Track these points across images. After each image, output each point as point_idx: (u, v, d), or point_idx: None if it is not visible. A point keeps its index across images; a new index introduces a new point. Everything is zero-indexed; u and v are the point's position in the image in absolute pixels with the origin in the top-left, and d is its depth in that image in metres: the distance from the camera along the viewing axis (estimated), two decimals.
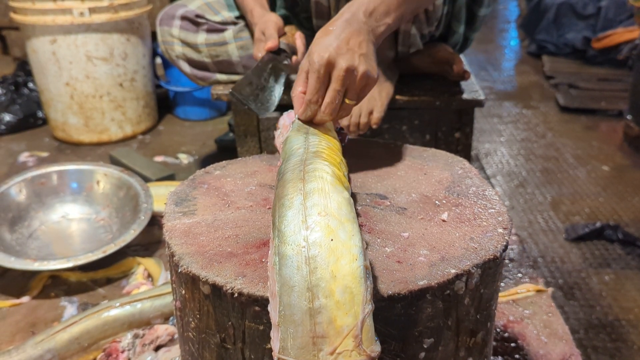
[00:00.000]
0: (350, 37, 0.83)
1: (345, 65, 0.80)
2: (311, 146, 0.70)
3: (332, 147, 0.72)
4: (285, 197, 0.56)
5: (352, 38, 0.84)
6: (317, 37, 0.84)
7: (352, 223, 0.54)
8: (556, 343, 1.07)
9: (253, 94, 1.02)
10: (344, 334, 0.47)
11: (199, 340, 0.70)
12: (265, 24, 1.22)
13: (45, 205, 1.68)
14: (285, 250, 0.52)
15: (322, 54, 0.80)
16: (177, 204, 0.81)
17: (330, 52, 0.80)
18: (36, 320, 1.31)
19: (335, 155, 0.69)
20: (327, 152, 0.68)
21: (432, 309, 0.62)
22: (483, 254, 0.66)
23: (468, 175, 0.87)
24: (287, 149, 0.74)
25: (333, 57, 0.81)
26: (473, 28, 1.47)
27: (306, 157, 0.65)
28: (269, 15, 1.26)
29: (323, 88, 0.82)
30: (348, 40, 0.83)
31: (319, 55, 0.81)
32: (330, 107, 0.82)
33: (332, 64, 0.81)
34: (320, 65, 0.80)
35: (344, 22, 0.85)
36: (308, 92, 0.82)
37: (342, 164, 0.69)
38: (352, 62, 0.81)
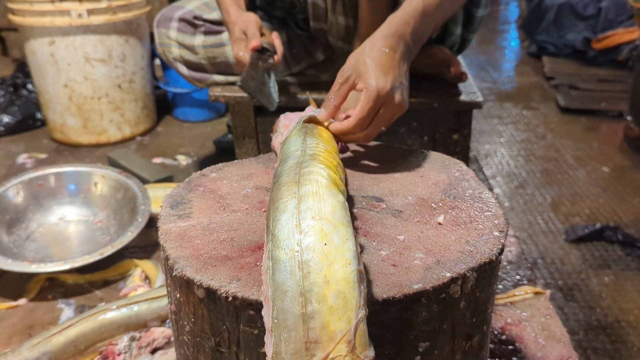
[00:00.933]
0: (400, 65, 0.86)
1: (398, 101, 0.84)
2: (308, 149, 0.70)
3: (330, 150, 0.72)
4: (279, 201, 0.56)
5: (400, 65, 0.86)
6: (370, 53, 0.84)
7: (346, 227, 0.53)
8: (554, 345, 1.07)
9: (258, 88, 1.03)
10: (337, 339, 0.47)
11: (194, 343, 0.69)
12: (246, 23, 1.22)
13: (42, 207, 1.68)
14: (279, 254, 0.51)
15: (383, 85, 0.82)
16: (173, 206, 0.80)
17: (389, 83, 0.82)
18: (33, 323, 1.30)
19: (332, 158, 0.68)
20: (324, 155, 0.68)
21: (428, 313, 0.62)
22: (479, 257, 0.65)
23: (465, 177, 0.87)
24: (284, 151, 0.73)
25: (391, 90, 0.82)
26: (471, 29, 1.47)
27: (302, 159, 0.65)
28: (248, 15, 1.26)
29: (373, 115, 0.84)
30: (399, 67, 0.85)
31: (380, 86, 0.81)
32: (371, 135, 0.85)
33: (388, 96, 0.82)
34: (379, 96, 0.82)
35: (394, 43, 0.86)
36: (359, 117, 0.83)
37: (339, 167, 0.69)
38: (402, 98, 0.85)
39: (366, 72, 0.83)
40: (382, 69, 0.83)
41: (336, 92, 0.86)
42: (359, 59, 0.85)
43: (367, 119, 0.83)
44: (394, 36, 0.87)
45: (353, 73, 0.85)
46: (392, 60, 0.84)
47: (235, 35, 1.23)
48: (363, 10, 1.27)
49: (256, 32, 1.20)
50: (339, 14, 1.32)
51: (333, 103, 0.86)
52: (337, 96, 0.86)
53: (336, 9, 1.31)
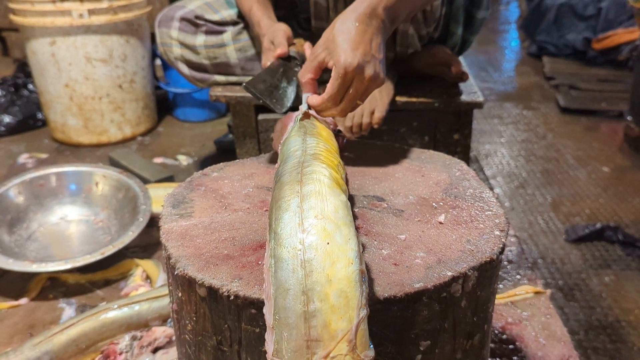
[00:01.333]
0: (372, 39, 0.85)
1: (370, 74, 0.83)
2: (309, 148, 0.70)
3: (330, 150, 0.72)
4: (282, 200, 0.56)
5: (373, 40, 0.85)
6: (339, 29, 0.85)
7: (349, 226, 0.53)
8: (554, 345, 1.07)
9: (267, 90, 1.02)
10: (338, 338, 0.47)
11: (196, 342, 0.70)
12: (274, 33, 1.21)
13: (44, 207, 1.68)
14: (281, 253, 0.51)
15: (351, 60, 0.82)
16: (174, 206, 0.81)
17: (358, 58, 0.82)
18: (34, 322, 1.30)
19: (333, 158, 0.68)
20: (325, 154, 0.68)
21: (429, 312, 0.62)
22: (480, 256, 0.66)
23: (466, 177, 0.87)
24: (284, 151, 0.74)
25: (361, 64, 0.82)
26: (472, 30, 1.47)
27: (304, 159, 0.65)
28: (277, 25, 1.25)
29: (344, 91, 0.84)
30: (371, 42, 0.84)
31: (347, 59, 0.82)
32: (346, 110, 0.85)
33: (358, 71, 0.82)
34: (347, 70, 0.82)
35: (365, 17, 0.85)
36: (330, 93, 0.84)
37: (340, 166, 0.69)
38: (375, 70, 0.84)
39: (335, 49, 0.83)
40: (351, 44, 0.83)
41: (305, 69, 0.88)
42: (328, 36, 0.86)
43: (338, 95, 0.83)
44: (366, 11, 0.86)
45: (323, 51, 0.85)
46: (363, 34, 0.84)
47: (264, 46, 1.23)
48: None
49: (283, 40, 1.19)
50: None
51: (304, 80, 0.88)
52: (307, 72, 0.87)
53: (338, 8, 1.31)
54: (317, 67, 0.87)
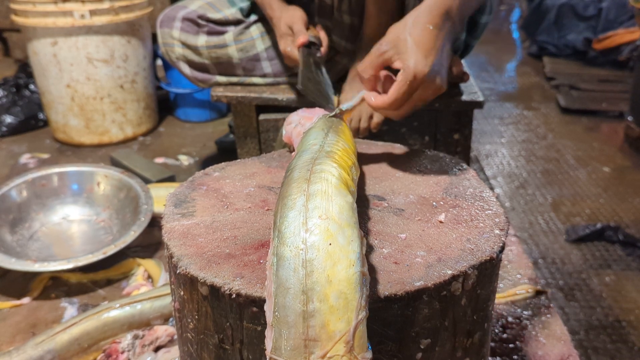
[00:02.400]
0: (444, 45, 0.80)
1: (439, 84, 0.79)
2: (327, 145, 0.70)
3: (348, 150, 0.72)
4: (288, 197, 0.56)
5: (445, 46, 0.81)
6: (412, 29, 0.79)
7: (353, 228, 0.54)
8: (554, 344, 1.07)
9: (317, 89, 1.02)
10: (336, 339, 0.48)
11: (198, 341, 0.70)
12: (292, 19, 1.20)
13: (45, 206, 1.69)
14: (284, 251, 0.52)
15: (423, 68, 0.77)
16: (176, 205, 0.81)
17: (430, 66, 0.77)
18: (36, 321, 1.31)
19: (348, 158, 0.68)
20: (340, 153, 0.67)
21: (429, 310, 0.62)
22: (479, 255, 0.66)
23: (466, 176, 0.88)
24: (304, 142, 0.73)
25: (431, 73, 0.78)
26: (474, 35, 1.47)
27: (318, 155, 0.65)
28: (293, 10, 1.24)
29: (409, 97, 0.80)
30: (442, 49, 0.80)
31: (419, 68, 0.77)
32: (404, 115, 0.81)
33: (428, 80, 0.78)
34: (417, 78, 0.77)
35: (440, 20, 0.80)
36: (394, 97, 0.79)
37: (354, 168, 0.68)
38: (442, 80, 0.80)
39: (405, 52, 0.78)
40: (423, 49, 0.78)
41: (368, 64, 0.82)
42: (399, 35, 0.80)
43: (402, 100, 0.79)
44: (440, 11, 0.81)
45: (391, 49, 0.80)
46: (435, 39, 0.79)
47: (281, 30, 1.21)
48: (369, 9, 1.27)
49: (302, 27, 1.18)
50: (345, 13, 1.32)
51: (366, 77, 0.83)
52: (370, 69, 0.82)
53: (342, 7, 1.32)
54: (382, 64, 0.81)
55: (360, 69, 0.83)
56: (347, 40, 1.39)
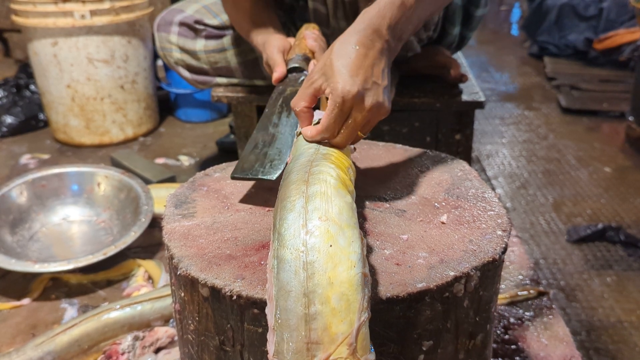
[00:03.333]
0: (374, 64, 0.76)
1: (371, 104, 0.74)
2: (322, 147, 0.70)
3: (343, 150, 0.72)
4: (287, 199, 0.56)
5: (375, 65, 0.76)
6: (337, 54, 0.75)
7: (353, 229, 0.53)
8: (557, 345, 1.07)
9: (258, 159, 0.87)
10: (338, 342, 0.47)
11: (198, 342, 0.70)
12: (269, 53, 1.12)
13: (46, 207, 1.68)
14: (284, 254, 0.51)
15: (349, 88, 0.72)
16: (177, 206, 0.81)
17: (358, 85, 0.73)
18: (36, 323, 1.31)
19: (345, 160, 0.68)
20: (337, 155, 0.67)
21: (431, 312, 0.62)
22: (482, 256, 0.66)
23: (468, 177, 0.87)
24: (298, 146, 0.73)
25: (360, 92, 0.73)
26: (470, 27, 1.47)
27: (315, 157, 0.65)
28: (270, 41, 1.15)
29: (342, 121, 0.75)
30: (372, 67, 0.75)
31: (345, 87, 0.72)
32: (344, 141, 0.75)
33: (357, 100, 0.74)
34: (346, 99, 0.73)
35: (367, 39, 0.77)
36: (326, 123, 0.74)
37: (351, 168, 0.68)
38: (377, 99, 0.75)
39: (332, 75, 0.74)
40: (350, 70, 0.74)
41: (299, 97, 0.78)
42: (325, 61, 0.76)
43: (335, 125, 0.74)
44: (367, 31, 0.77)
45: (320, 77, 0.76)
46: (363, 58, 0.75)
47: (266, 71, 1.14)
48: None
49: (278, 58, 1.09)
50: (341, 19, 1.32)
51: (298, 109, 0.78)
52: (301, 101, 0.78)
53: (337, 14, 1.31)
54: (313, 94, 0.77)
55: (292, 104, 0.79)
56: None
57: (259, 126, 0.95)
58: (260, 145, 0.90)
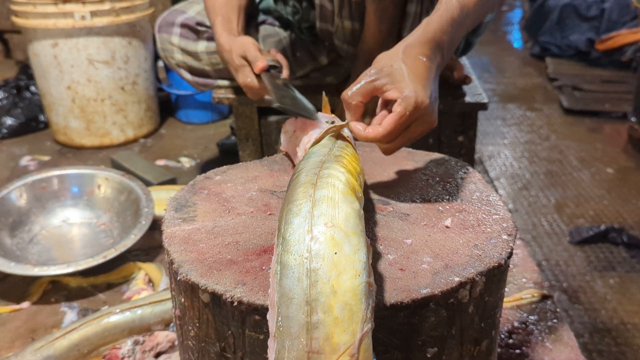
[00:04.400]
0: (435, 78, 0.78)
1: (434, 119, 0.76)
2: (336, 149, 0.68)
3: (356, 155, 0.70)
4: (293, 203, 0.55)
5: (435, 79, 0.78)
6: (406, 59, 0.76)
7: (359, 236, 0.52)
8: (561, 349, 1.06)
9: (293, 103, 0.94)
10: (340, 352, 0.46)
11: (199, 349, 0.69)
12: (243, 47, 1.14)
13: (46, 209, 1.68)
14: (288, 259, 0.50)
15: (423, 100, 0.73)
16: (177, 210, 0.80)
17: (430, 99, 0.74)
18: (36, 326, 1.30)
19: (356, 164, 0.66)
20: (349, 158, 0.66)
21: (436, 318, 0.61)
22: (487, 261, 0.65)
23: (472, 180, 0.86)
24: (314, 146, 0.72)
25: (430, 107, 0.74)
26: (476, 33, 1.46)
27: (327, 158, 0.64)
28: (241, 39, 1.18)
29: (404, 129, 0.75)
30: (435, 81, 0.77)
31: (420, 100, 0.73)
32: (395, 149, 0.77)
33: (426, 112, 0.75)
34: (417, 110, 0.73)
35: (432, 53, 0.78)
36: (390, 128, 0.74)
37: (361, 174, 0.67)
38: (436, 115, 0.77)
39: (402, 81, 0.74)
40: (420, 80, 0.74)
41: (358, 92, 0.77)
42: (392, 63, 0.76)
43: (398, 131, 0.74)
44: (431, 44, 0.78)
45: (384, 77, 0.76)
46: (429, 71, 0.76)
47: (235, 63, 1.15)
48: (370, 16, 1.26)
49: (257, 53, 1.12)
50: (346, 18, 1.31)
51: (353, 103, 0.78)
52: (359, 95, 0.77)
53: (343, 12, 1.30)
54: (372, 92, 0.77)
55: (346, 95, 0.78)
56: (349, 44, 1.38)
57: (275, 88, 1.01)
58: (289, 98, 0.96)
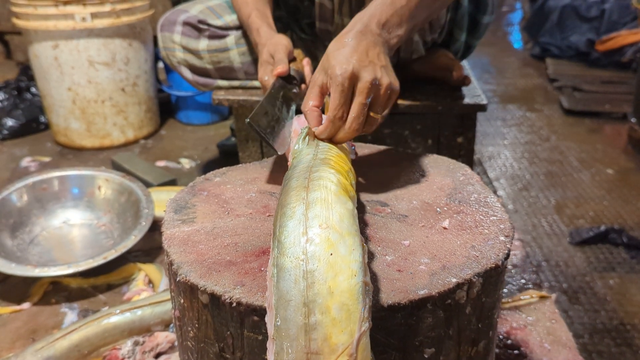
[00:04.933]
0: (368, 49, 0.80)
1: (370, 77, 0.77)
2: (320, 152, 0.69)
3: (342, 155, 0.71)
4: (287, 206, 0.55)
5: (369, 50, 0.80)
6: (332, 49, 0.80)
7: (354, 236, 0.52)
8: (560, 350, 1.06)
9: (270, 125, 0.93)
10: (339, 352, 0.47)
11: (198, 349, 0.69)
12: (275, 47, 1.15)
13: (46, 210, 1.68)
14: (284, 262, 0.51)
15: (345, 67, 0.76)
16: (177, 211, 0.80)
17: (353, 64, 0.77)
18: (36, 327, 1.30)
19: (344, 164, 0.67)
20: (336, 159, 0.67)
21: (433, 319, 0.61)
22: (485, 262, 0.65)
23: (470, 181, 0.87)
24: (296, 153, 0.73)
25: (356, 69, 0.77)
26: (476, 35, 1.46)
27: (313, 163, 0.64)
28: (278, 37, 1.19)
29: (348, 102, 0.77)
30: (367, 51, 0.79)
31: (342, 67, 0.76)
32: (357, 122, 0.77)
33: (355, 77, 0.77)
34: (344, 78, 0.76)
35: (358, 34, 0.81)
36: (331, 108, 0.77)
37: (350, 173, 0.68)
38: (375, 74, 0.78)
39: (329, 67, 0.78)
40: (343, 55, 0.78)
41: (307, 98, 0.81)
42: (323, 59, 0.81)
43: (342, 107, 0.76)
44: (358, 29, 0.82)
45: (321, 73, 0.80)
46: (356, 46, 0.79)
47: (262, 58, 1.16)
48: None
49: (284, 57, 1.12)
50: (345, 16, 1.31)
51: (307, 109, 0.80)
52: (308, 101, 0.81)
53: (342, 10, 1.31)
54: (319, 92, 0.80)
55: (302, 107, 0.81)
56: None
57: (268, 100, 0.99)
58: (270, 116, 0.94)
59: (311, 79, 0.83)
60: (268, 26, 1.25)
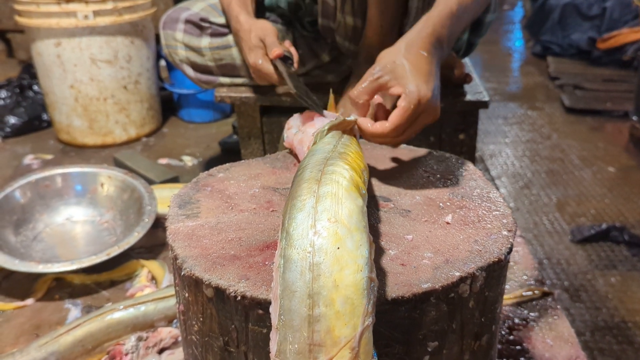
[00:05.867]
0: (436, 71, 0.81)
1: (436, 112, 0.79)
2: (340, 146, 0.69)
3: (360, 153, 0.71)
4: (297, 198, 0.56)
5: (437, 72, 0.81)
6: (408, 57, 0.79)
7: (362, 232, 0.53)
8: (562, 346, 1.07)
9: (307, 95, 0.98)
10: (341, 345, 0.47)
11: (202, 343, 0.70)
12: (264, 32, 1.17)
13: (49, 207, 1.68)
14: (291, 253, 0.51)
15: (426, 94, 0.76)
16: (181, 206, 0.81)
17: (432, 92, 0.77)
18: (40, 323, 1.31)
19: (360, 161, 0.67)
20: (354, 155, 0.67)
21: (437, 312, 0.62)
22: (487, 256, 0.65)
23: (472, 177, 0.87)
24: (320, 136, 0.73)
25: (433, 100, 0.78)
26: (478, 33, 1.46)
27: (331, 155, 0.64)
28: (262, 22, 1.20)
29: (410, 124, 0.79)
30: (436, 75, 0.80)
31: (422, 93, 0.76)
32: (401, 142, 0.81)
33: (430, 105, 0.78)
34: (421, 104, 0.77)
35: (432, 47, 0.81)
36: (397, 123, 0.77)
37: (365, 171, 0.68)
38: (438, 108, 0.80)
39: (405, 76, 0.77)
40: (422, 74, 0.77)
41: (363, 90, 0.80)
42: (395, 60, 0.79)
43: (404, 126, 0.78)
44: (431, 38, 0.81)
45: (387, 74, 0.79)
46: (430, 65, 0.79)
47: (251, 43, 1.17)
48: (372, 12, 1.27)
49: (275, 40, 1.14)
50: (348, 14, 1.32)
51: (360, 102, 0.81)
52: (364, 94, 0.81)
53: (345, 8, 1.31)
54: (377, 89, 0.80)
55: (353, 94, 0.81)
56: (350, 41, 1.38)
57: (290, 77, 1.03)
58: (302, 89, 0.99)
59: (369, 72, 0.81)
60: (247, 14, 1.27)
